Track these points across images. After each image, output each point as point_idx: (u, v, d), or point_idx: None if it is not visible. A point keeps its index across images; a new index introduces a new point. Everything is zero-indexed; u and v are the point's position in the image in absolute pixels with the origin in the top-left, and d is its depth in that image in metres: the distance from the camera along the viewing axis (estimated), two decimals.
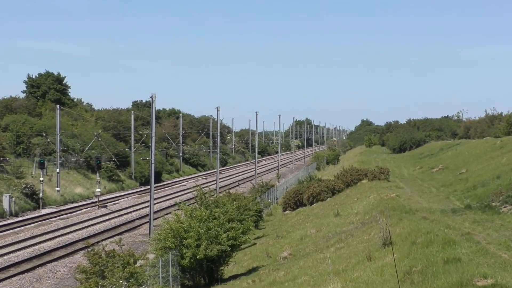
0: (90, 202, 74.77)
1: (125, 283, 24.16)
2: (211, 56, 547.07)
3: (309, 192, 57.01)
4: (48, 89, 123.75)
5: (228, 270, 32.33)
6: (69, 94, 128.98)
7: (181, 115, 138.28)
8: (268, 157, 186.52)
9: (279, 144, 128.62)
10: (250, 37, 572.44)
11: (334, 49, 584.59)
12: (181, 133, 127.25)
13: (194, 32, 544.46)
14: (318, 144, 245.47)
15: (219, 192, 61.31)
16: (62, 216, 63.82)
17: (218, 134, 76.65)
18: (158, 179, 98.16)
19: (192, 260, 28.86)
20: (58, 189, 76.22)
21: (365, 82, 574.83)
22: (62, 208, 69.64)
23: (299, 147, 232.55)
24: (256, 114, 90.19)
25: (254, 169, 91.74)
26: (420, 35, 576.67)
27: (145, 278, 25.40)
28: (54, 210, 67.92)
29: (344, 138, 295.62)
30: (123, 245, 28.12)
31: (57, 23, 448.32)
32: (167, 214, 59.15)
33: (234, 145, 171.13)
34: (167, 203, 73.06)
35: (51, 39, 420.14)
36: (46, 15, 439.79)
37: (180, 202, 34.74)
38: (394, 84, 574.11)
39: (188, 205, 32.97)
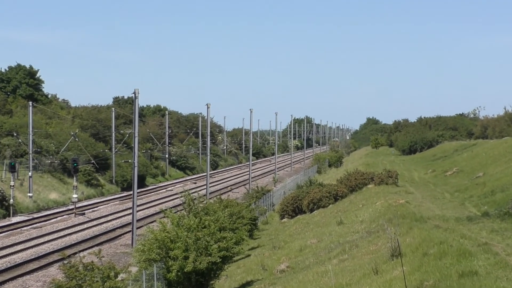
0: (66, 209, 74.64)
1: None
2: (200, 48, 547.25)
3: (309, 198, 57.02)
4: (19, 84, 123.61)
5: (220, 284, 32.30)
6: (43, 89, 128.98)
7: (167, 112, 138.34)
8: (263, 159, 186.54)
9: (276, 145, 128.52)
10: (244, 27, 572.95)
11: (337, 40, 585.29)
12: (167, 133, 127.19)
13: (182, 21, 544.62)
14: (319, 144, 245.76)
15: (210, 198, 61.20)
16: (35, 225, 63.70)
17: (208, 133, 76.65)
18: (141, 183, 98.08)
19: (179, 273, 28.82)
20: (30, 194, 76.06)
21: (371, 76, 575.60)
22: (35, 215, 69.49)
23: (298, 148, 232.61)
24: (251, 112, 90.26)
25: (248, 173, 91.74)
26: (432, 25, 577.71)
27: None
28: (26, 218, 67.78)
29: (347, 138, 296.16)
30: (103, 256, 28.06)
31: (29, 10, 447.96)
32: (152, 222, 59.03)
33: (226, 146, 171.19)
34: (152, 210, 72.96)
35: (22, 29, 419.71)
36: (16, 1, 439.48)
37: (166, 209, 34.69)
38: (404, 79, 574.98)
39: (175, 213, 32.91)
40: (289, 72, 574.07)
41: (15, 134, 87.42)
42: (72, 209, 71.46)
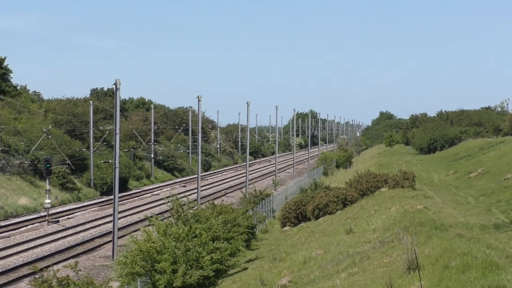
0: (37, 216, 74.58)
1: None
2: (190, 33, 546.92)
3: (314, 203, 57.05)
4: None
5: None
6: (11, 80, 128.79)
7: (152, 106, 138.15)
8: (262, 159, 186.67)
9: (277, 143, 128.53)
10: (239, 9, 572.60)
11: (345, 24, 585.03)
12: (152, 129, 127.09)
13: (168, 3, 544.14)
14: (325, 142, 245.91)
15: (201, 204, 61.25)
16: (2, 234, 63.67)
17: (200, 130, 76.56)
18: (123, 187, 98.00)
19: None
20: None
21: (385, 65, 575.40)
22: (2, 224, 69.46)
23: (301, 147, 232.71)
24: (247, 105, 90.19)
25: (244, 175, 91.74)
26: (452, 5, 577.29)
27: None
28: None
29: (358, 135, 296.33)
30: (80, 270, 28.06)
31: None
32: (135, 231, 59.04)
33: (220, 144, 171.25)
34: (135, 217, 72.98)
35: None
36: None
37: (151, 216, 34.72)
38: (422, 68, 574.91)
39: (161, 220, 32.93)
40: (291, 60, 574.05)
41: None
42: (45, 216, 71.40)
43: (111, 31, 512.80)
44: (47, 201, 71.05)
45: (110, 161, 65.70)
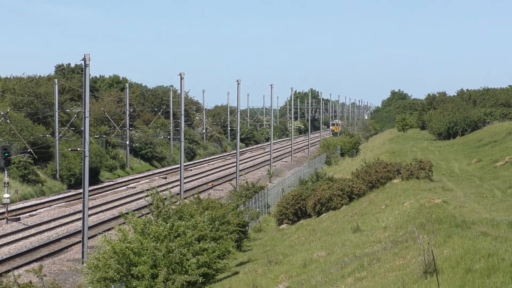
0: None
1: None
2: (171, 1, 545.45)
3: (316, 197, 57.13)
4: None
5: None
6: None
7: (127, 85, 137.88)
8: (255, 146, 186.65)
9: (271, 127, 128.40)
10: None
11: None
12: (127, 112, 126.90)
13: None
14: (328, 127, 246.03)
15: (185, 198, 61.29)
16: None
17: (182, 113, 76.44)
18: (94, 179, 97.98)
19: None
20: None
21: (397, 38, 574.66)
22: None
23: (300, 132, 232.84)
24: (238, 84, 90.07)
25: (235, 164, 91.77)
26: None
27: None
28: None
29: (366, 117, 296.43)
30: (45, 275, 28.11)
31: None
32: (109, 230, 59.09)
33: (206, 129, 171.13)
34: (108, 214, 73.01)
35: None
36: None
37: (127, 213, 34.73)
38: (439, 41, 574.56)
39: (138, 217, 32.95)
40: (288, 32, 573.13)
41: None
42: (3, 213, 71.37)
43: None
44: (6, 195, 70.98)
45: (78, 149, 65.55)
